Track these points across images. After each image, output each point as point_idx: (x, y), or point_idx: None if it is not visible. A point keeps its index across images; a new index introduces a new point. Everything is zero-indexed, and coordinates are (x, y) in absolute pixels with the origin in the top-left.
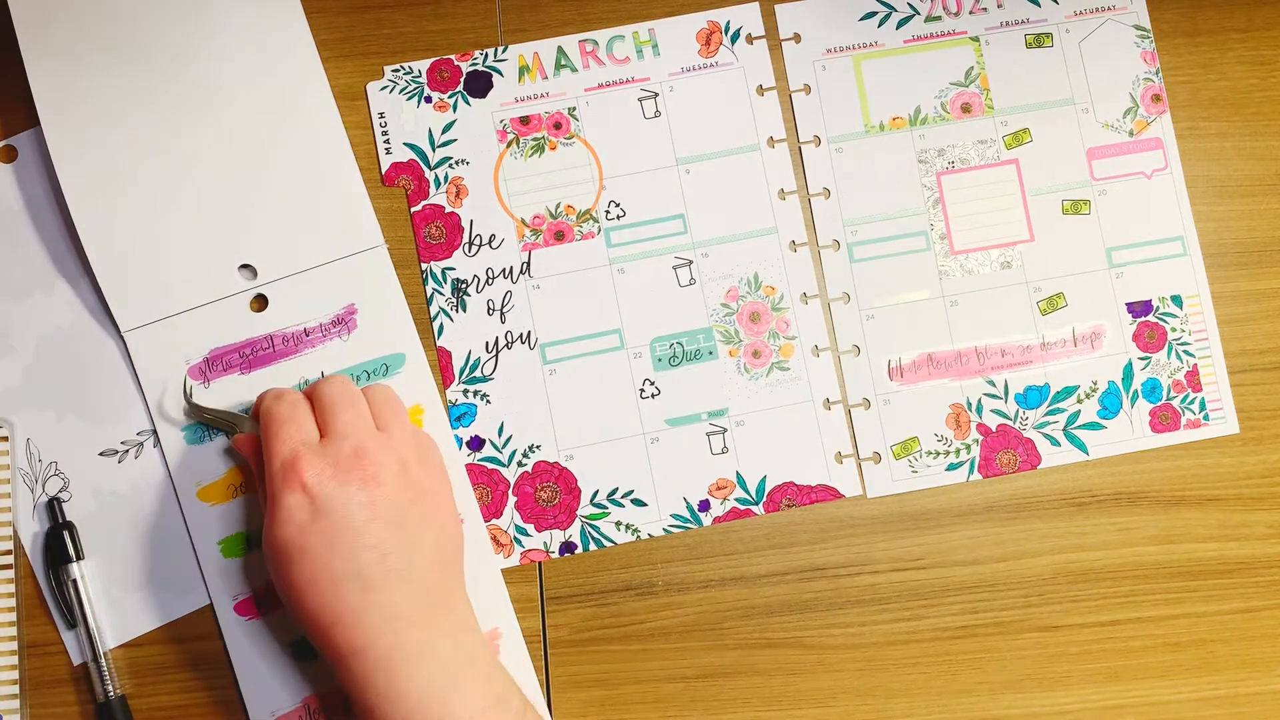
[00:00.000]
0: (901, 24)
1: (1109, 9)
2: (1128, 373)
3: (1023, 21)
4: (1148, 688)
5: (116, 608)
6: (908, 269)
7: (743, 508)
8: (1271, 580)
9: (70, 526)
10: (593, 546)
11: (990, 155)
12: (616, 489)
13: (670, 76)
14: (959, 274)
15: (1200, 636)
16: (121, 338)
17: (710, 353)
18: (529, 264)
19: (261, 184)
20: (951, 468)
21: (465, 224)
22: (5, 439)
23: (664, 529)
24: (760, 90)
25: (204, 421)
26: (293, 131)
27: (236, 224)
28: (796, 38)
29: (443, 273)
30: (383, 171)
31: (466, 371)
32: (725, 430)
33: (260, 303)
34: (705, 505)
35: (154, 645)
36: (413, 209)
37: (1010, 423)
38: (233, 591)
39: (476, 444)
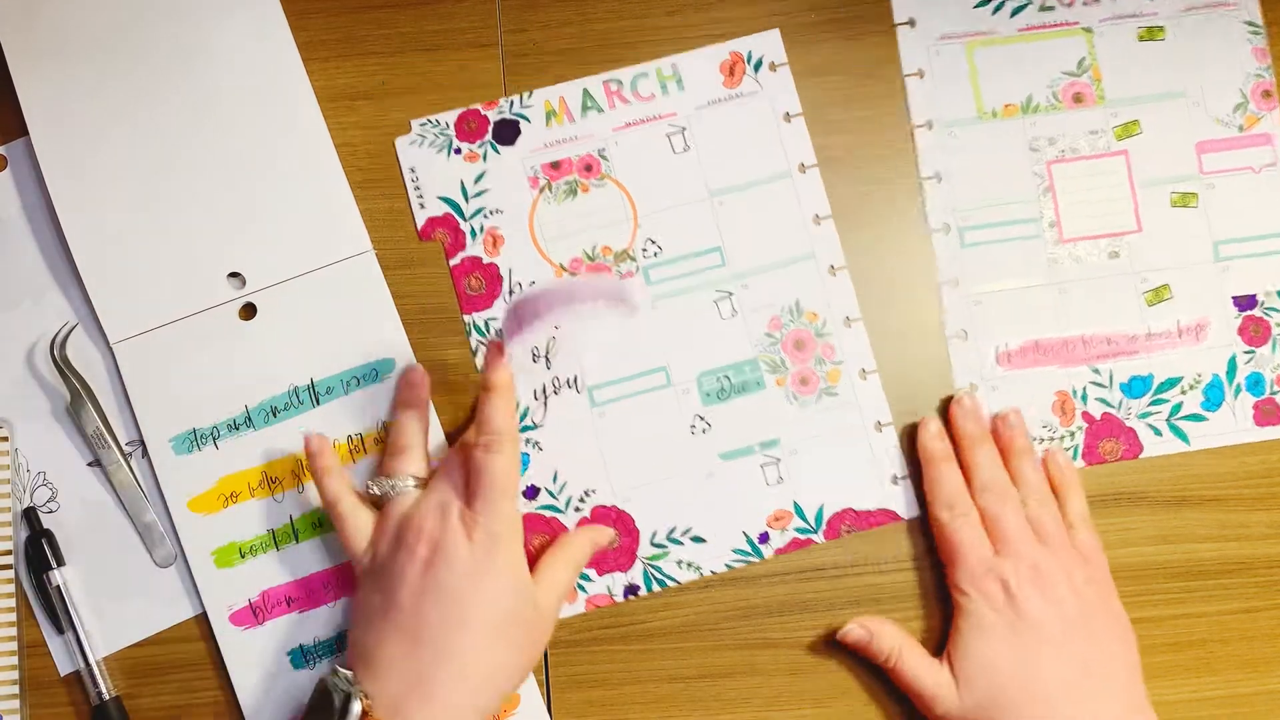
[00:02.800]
0: (1015, 12)
1: (1221, 4)
2: (1231, 366)
3: (1135, 14)
4: (1147, 688)
5: (104, 618)
6: (1017, 255)
7: (803, 537)
8: (1271, 580)
9: (49, 534)
10: (656, 587)
11: (1100, 146)
12: (675, 527)
13: (696, 110)
14: (1068, 262)
15: (1200, 636)
16: (110, 348)
17: (758, 384)
18: None
19: (249, 191)
20: None
21: (504, 273)
22: (5, 439)
23: (725, 564)
24: (787, 117)
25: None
26: (279, 139)
27: (225, 232)
28: (911, 23)
29: (485, 324)
30: (419, 227)
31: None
32: (779, 460)
33: (248, 311)
34: (765, 537)
35: (152, 646)
36: (451, 262)
37: (1114, 412)
38: (227, 602)
39: (532, 493)
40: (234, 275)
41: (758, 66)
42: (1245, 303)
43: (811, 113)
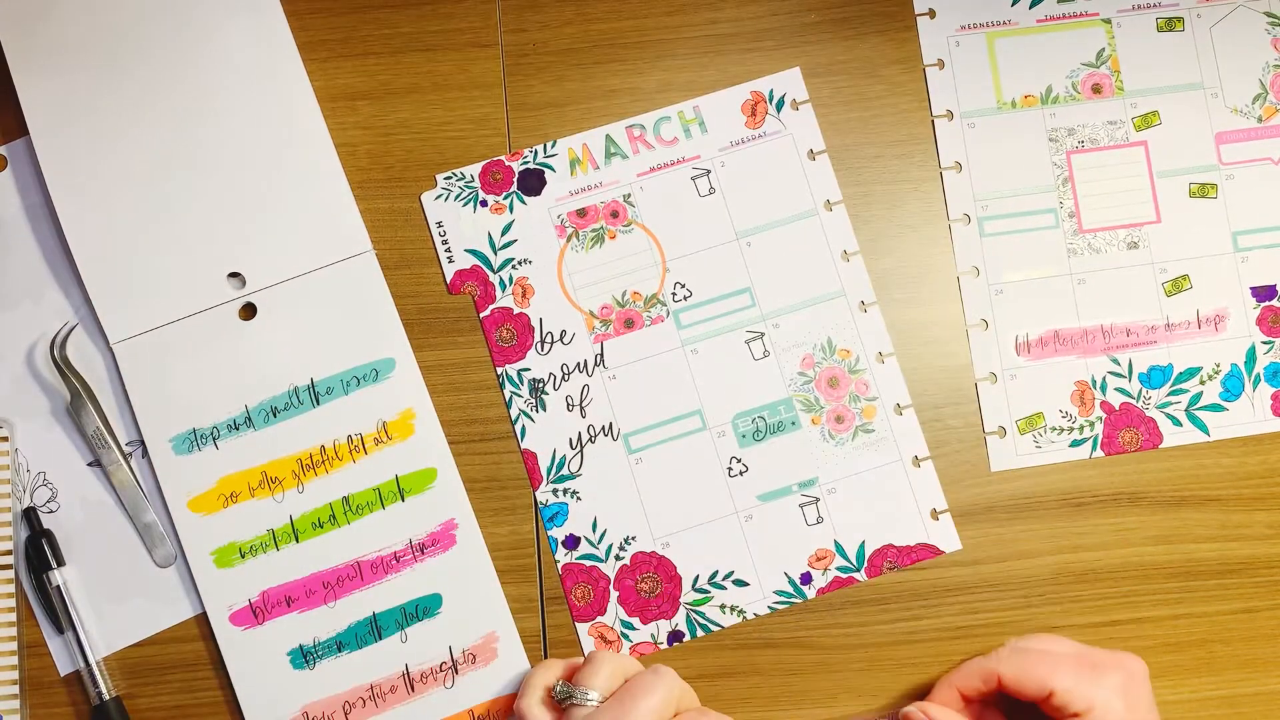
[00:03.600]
0: (1034, 3)
1: None
2: (1250, 356)
3: (1154, 5)
4: None
5: (104, 618)
6: (1036, 245)
7: (845, 576)
8: (1271, 580)
9: (49, 534)
10: (700, 633)
11: (1120, 136)
12: (716, 571)
13: (720, 152)
14: (1087, 252)
15: (1200, 637)
16: (110, 348)
17: (793, 423)
18: (602, 355)
19: (249, 192)
20: (1075, 444)
21: (535, 323)
22: (5, 439)
23: (769, 607)
24: (811, 155)
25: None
26: (279, 139)
27: (225, 232)
28: (931, 13)
29: (519, 374)
30: (448, 280)
31: (554, 471)
32: (818, 500)
33: (249, 311)
34: (807, 578)
35: (152, 646)
36: (481, 314)
37: (1133, 401)
38: (227, 602)
39: (572, 543)
40: (234, 275)
41: (780, 106)
42: (1264, 293)
43: (818, 112)
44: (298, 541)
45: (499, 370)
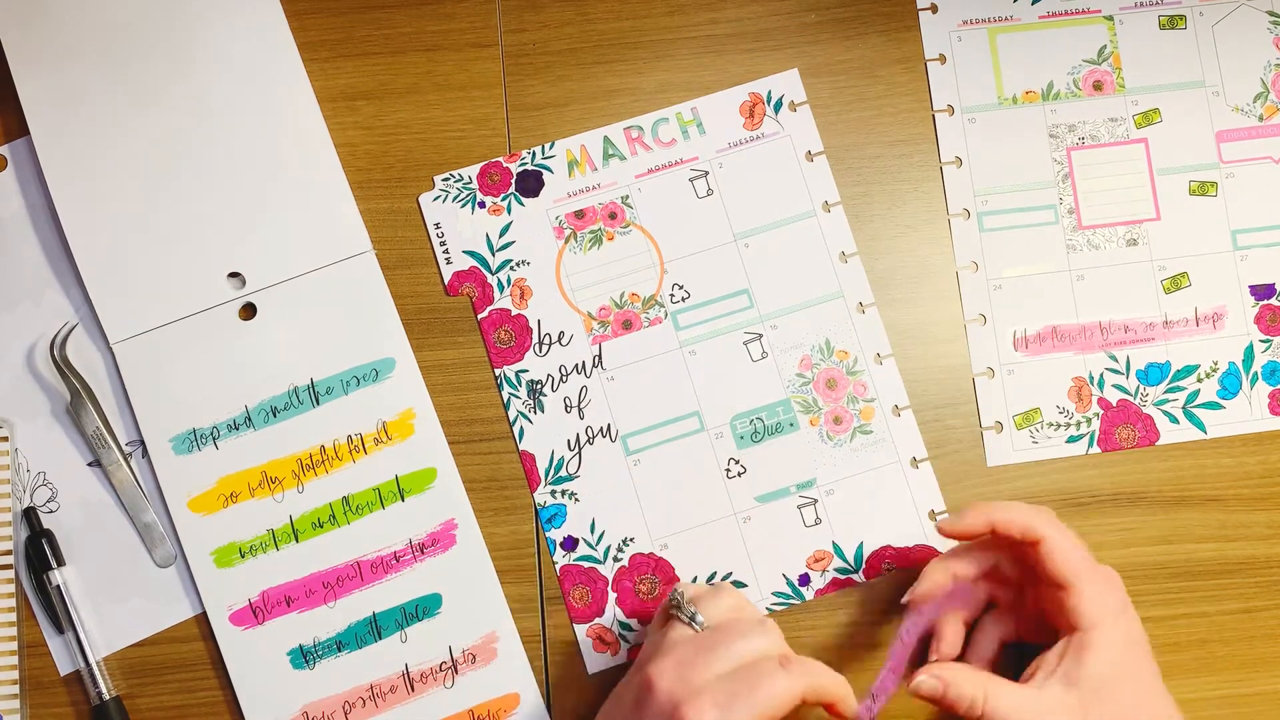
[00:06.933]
0: (1036, 0)
1: None
2: (1248, 354)
3: (1157, 2)
4: None
5: (104, 618)
6: (1036, 241)
7: (843, 577)
8: (1271, 580)
9: (49, 534)
10: None
11: (1120, 133)
12: (715, 573)
13: (718, 153)
14: (1086, 249)
15: (1200, 636)
16: (110, 348)
17: (791, 424)
18: (600, 356)
19: (249, 191)
20: (1072, 440)
21: (533, 324)
22: (5, 439)
23: (767, 608)
24: (809, 156)
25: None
26: (279, 139)
27: (225, 232)
28: (934, 8)
29: (516, 376)
30: (445, 282)
31: (552, 472)
32: (816, 501)
33: (249, 311)
34: (805, 579)
35: (152, 646)
36: (479, 316)
37: (1130, 398)
38: (227, 602)
39: (570, 544)
40: (234, 275)
41: (778, 107)
42: (1263, 292)
43: (818, 113)
44: (298, 541)
45: (497, 371)
